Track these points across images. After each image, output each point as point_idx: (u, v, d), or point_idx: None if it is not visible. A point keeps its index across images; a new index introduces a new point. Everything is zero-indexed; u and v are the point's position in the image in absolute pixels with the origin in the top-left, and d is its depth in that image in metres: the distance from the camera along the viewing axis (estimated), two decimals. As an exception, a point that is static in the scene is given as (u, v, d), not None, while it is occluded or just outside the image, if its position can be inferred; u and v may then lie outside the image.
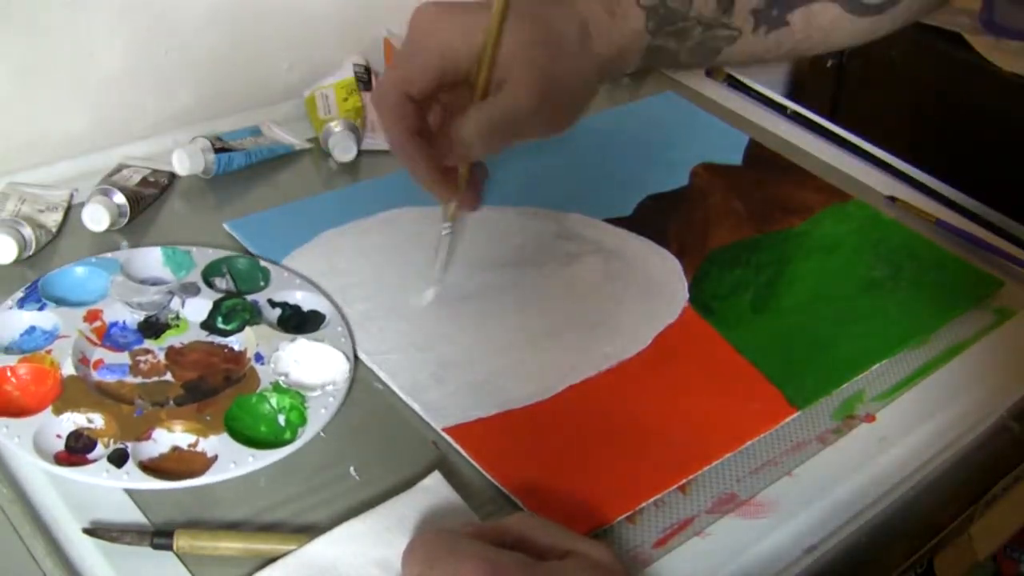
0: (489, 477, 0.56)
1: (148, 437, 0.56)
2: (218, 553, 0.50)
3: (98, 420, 0.56)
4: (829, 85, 1.36)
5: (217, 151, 0.77)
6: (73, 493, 0.53)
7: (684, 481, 0.57)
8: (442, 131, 0.55)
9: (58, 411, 0.56)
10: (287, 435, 0.57)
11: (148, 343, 0.63)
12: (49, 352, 0.60)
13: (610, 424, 0.61)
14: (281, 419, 0.58)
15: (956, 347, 0.70)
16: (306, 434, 0.57)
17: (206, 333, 0.64)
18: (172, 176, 0.78)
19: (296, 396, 0.59)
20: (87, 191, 0.72)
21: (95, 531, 0.51)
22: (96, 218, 0.70)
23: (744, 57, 0.57)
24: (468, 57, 0.52)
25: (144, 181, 0.75)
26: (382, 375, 0.62)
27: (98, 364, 0.61)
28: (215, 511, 0.53)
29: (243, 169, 0.80)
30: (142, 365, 0.61)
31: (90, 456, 0.55)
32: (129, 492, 0.53)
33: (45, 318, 0.62)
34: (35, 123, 0.78)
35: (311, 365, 0.62)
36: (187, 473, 0.54)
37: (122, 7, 0.78)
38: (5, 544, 0.50)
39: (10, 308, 0.63)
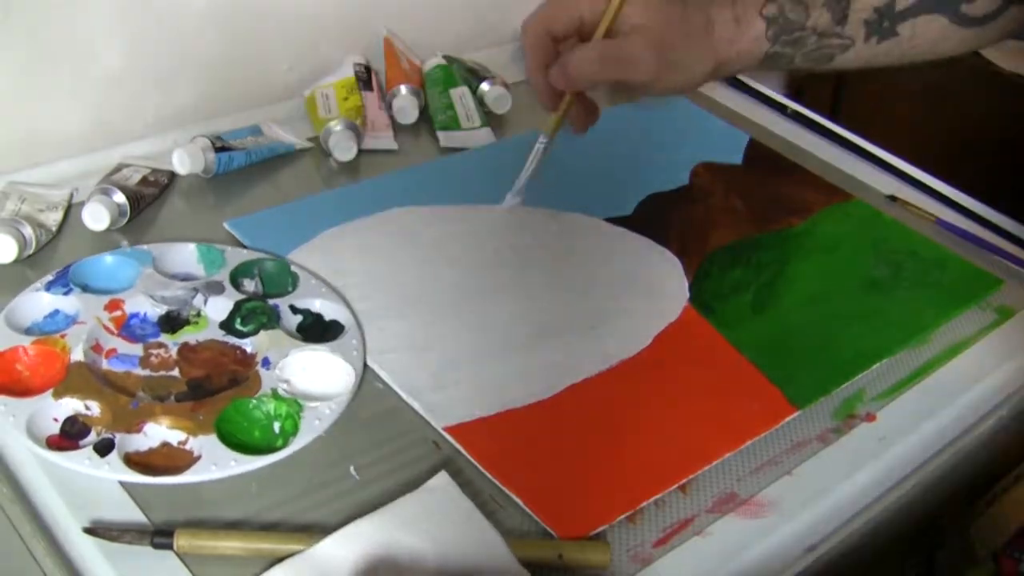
0: (490, 476, 0.56)
1: (139, 430, 0.56)
2: (219, 552, 0.50)
3: (95, 408, 0.57)
4: (829, 85, 1.36)
5: (217, 150, 0.77)
6: (74, 491, 0.53)
7: (684, 481, 0.57)
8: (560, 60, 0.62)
9: (58, 395, 0.57)
10: (279, 443, 0.57)
11: (164, 337, 0.63)
12: (63, 336, 0.60)
13: (610, 424, 0.61)
14: (276, 426, 0.58)
15: (956, 347, 0.70)
16: (294, 445, 0.56)
17: (223, 333, 0.64)
18: (172, 175, 0.78)
19: (293, 404, 0.58)
20: (87, 191, 0.72)
21: (95, 530, 0.51)
22: (96, 217, 0.70)
23: (857, 63, 0.62)
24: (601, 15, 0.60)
25: (144, 180, 0.75)
26: (382, 375, 0.62)
27: (111, 353, 0.61)
28: (215, 510, 0.53)
29: (243, 168, 0.80)
30: (153, 359, 0.62)
31: (82, 443, 0.55)
32: (128, 489, 0.53)
33: (69, 303, 0.63)
34: (35, 123, 0.78)
35: (317, 375, 0.61)
36: (172, 469, 0.54)
37: (122, 7, 0.78)
38: (5, 544, 0.50)
39: (37, 290, 0.64)
